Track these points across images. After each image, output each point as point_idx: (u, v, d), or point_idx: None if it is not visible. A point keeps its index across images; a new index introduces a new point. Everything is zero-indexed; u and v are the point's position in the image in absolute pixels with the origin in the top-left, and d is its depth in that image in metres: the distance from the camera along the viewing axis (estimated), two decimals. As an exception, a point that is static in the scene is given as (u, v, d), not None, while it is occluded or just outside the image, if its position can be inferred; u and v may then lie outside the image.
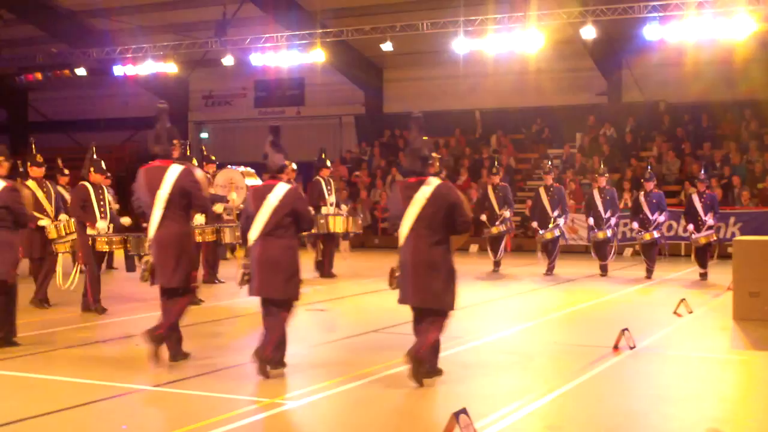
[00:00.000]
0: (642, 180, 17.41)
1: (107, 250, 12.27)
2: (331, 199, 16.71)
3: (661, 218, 16.41)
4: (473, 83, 28.75)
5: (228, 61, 26.55)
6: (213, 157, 16.64)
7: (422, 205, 7.75)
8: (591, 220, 17.12)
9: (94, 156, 12.51)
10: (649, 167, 17.80)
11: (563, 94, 27.84)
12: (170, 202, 8.48)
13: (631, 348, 9.36)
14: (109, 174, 15.11)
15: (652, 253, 16.52)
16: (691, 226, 16.20)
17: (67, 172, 16.14)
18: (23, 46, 30.89)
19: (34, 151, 13.38)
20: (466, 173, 26.20)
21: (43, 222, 12.60)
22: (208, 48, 27.36)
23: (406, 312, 11.83)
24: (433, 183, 7.84)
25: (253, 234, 8.18)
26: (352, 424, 6.86)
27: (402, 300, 7.99)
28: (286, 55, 26.01)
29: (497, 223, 17.65)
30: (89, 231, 12.02)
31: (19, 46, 30.85)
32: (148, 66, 27.56)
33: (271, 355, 8.14)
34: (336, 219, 16.25)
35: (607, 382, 8.17)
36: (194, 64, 31.84)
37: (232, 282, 15.62)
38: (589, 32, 22.25)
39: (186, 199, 8.57)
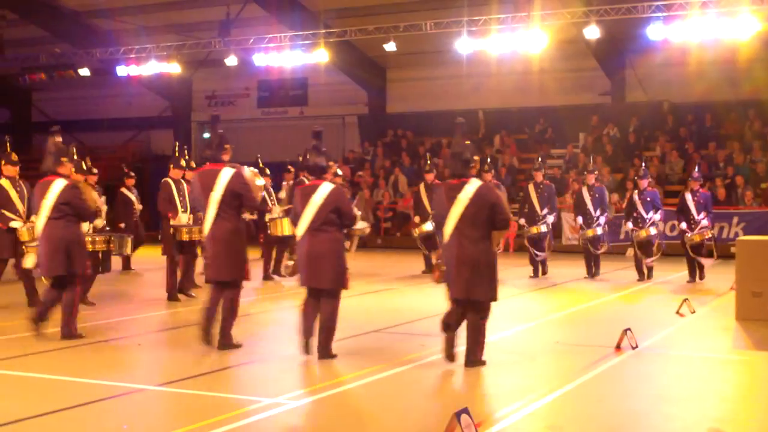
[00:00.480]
0: (635, 177, 16.88)
1: (90, 250, 11.90)
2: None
3: (656, 216, 15.93)
4: (476, 83, 28.73)
5: (231, 61, 26.55)
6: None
7: (465, 204, 8.32)
8: (580, 219, 16.73)
9: (75, 156, 12.55)
10: (643, 164, 17.27)
11: (566, 93, 27.80)
12: (223, 202, 9.20)
13: (634, 348, 9.34)
14: (96, 171, 15.22)
15: (648, 252, 16.04)
16: (683, 225, 15.76)
17: (95, 171, 16.15)
18: (27, 47, 30.92)
19: (8, 149, 13.14)
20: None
21: (15, 224, 12.30)
22: (211, 48, 27.38)
23: (408, 312, 11.86)
24: (474, 184, 8.42)
25: (300, 230, 8.92)
26: (353, 424, 6.85)
27: (453, 295, 8.55)
28: (290, 55, 26.00)
29: None
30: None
31: (23, 47, 30.88)
32: (151, 66, 27.56)
33: (325, 342, 8.89)
34: None
35: (609, 382, 8.16)
36: (197, 65, 31.86)
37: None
38: (592, 32, 22.22)
39: (237, 199, 9.27)
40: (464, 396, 7.43)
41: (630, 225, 16.16)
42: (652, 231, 15.87)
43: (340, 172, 17.65)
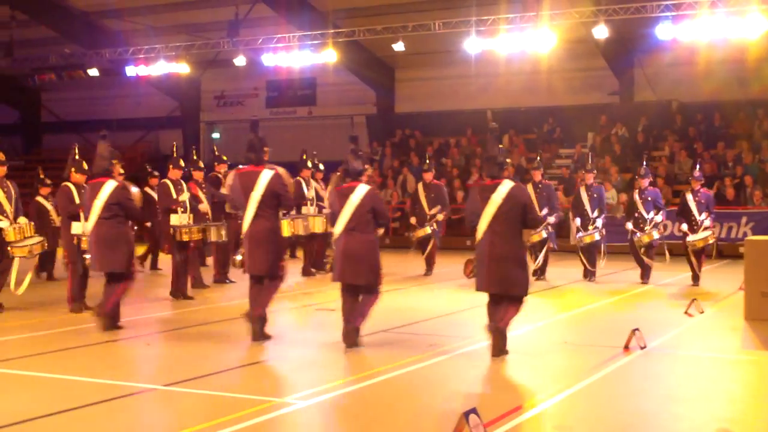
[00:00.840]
0: (636, 176, 16.25)
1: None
2: (311, 194, 17.05)
3: (658, 218, 15.40)
4: (485, 83, 28.72)
5: (240, 61, 26.58)
6: (224, 157, 16.69)
7: (498, 204, 8.87)
8: (578, 221, 16.11)
9: (77, 156, 12.69)
10: (644, 163, 16.49)
11: (575, 93, 27.78)
12: (262, 202, 9.77)
13: (642, 348, 9.34)
14: (48, 182, 15.32)
15: (650, 255, 15.57)
16: (684, 226, 15.16)
17: (48, 182, 16.10)
18: (36, 47, 31.00)
19: None
20: (477, 173, 26.16)
21: (2, 224, 12.17)
22: (220, 48, 27.41)
23: (415, 312, 11.88)
24: (507, 185, 8.96)
25: (338, 229, 9.52)
26: (361, 425, 6.86)
27: (479, 288, 9.12)
28: (298, 55, 26.02)
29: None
30: (73, 230, 12.19)
31: (33, 47, 30.95)
32: (160, 66, 27.61)
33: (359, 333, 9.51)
34: (315, 220, 16.40)
35: (618, 383, 8.16)
36: (206, 65, 31.91)
37: (242, 282, 15.71)
38: (601, 32, 22.19)
39: (276, 199, 9.88)
40: (473, 396, 7.44)
41: (630, 226, 15.57)
42: (655, 235, 15.37)
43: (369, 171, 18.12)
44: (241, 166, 10.31)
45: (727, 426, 6.67)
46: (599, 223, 15.87)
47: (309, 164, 17.39)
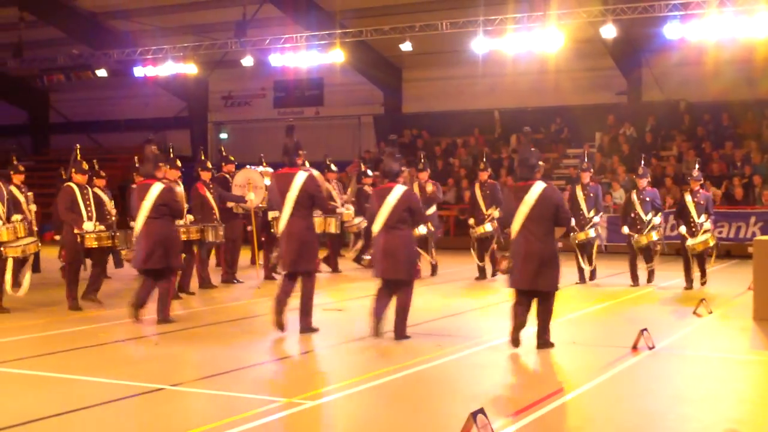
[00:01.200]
0: (634, 176, 15.75)
1: (96, 246, 12.50)
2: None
3: (656, 219, 14.99)
4: (492, 83, 28.70)
5: (247, 61, 26.62)
6: (232, 158, 16.71)
7: (531, 205, 9.27)
8: (572, 221, 14.98)
9: (78, 158, 12.84)
10: (642, 163, 16.05)
11: (583, 93, 27.73)
12: (297, 202, 10.22)
13: (650, 348, 9.32)
14: (103, 174, 15.47)
15: (649, 258, 15.23)
16: (683, 229, 14.70)
17: (103, 174, 16.25)
18: (45, 48, 31.08)
19: None
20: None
21: None
22: (227, 49, 27.45)
23: (424, 312, 11.87)
24: (540, 186, 9.36)
25: (376, 227, 10.06)
26: (369, 424, 6.87)
27: (513, 284, 9.50)
28: (306, 55, 26.04)
29: (486, 223, 16.30)
30: (77, 230, 12.37)
31: (41, 48, 31.04)
32: (168, 67, 27.66)
33: (403, 325, 10.08)
34: (330, 221, 16.60)
35: (626, 383, 8.15)
36: (214, 65, 31.95)
37: (250, 282, 15.74)
38: (609, 31, 22.16)
39: (310, 200, 10.32)
40: (480, 396, 7.43)
41: (626, 230, 15.15)
42: (654, 236, 14.98)
43: (370, 173, 18.27)
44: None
45: (736, 426, 6.66)
46: (596, 220, 15.56)
47: (307, 165, 17.43)
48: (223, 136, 34.82)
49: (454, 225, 25.43)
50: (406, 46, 24.71)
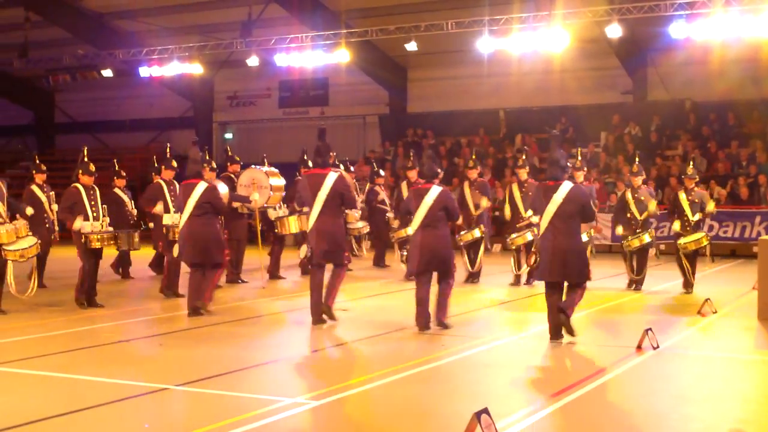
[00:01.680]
0: (629, 174, 15.28)
1: (99, 247, 12.57)
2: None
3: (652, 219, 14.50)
4: (497, 83, 28.70)
5: (253, 61, 26.63)
6: (237, 158, 16.72)
7: (559, 204, 9.82)
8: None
9: (85, 159, 12.97)
10: (637, 160, 15.45)
11: (588, 93, 27.71)
12: (328, 201, 10.97)
13: (655, 348, 9.32)
14: (124, 174, 15.58)
15: (642, 262, 14.61)
16: (677, 225, 14.19)
17: (124, 174, 16.30)
18: (50, 48, 31.13)
19: None
20: (490, 173, 26.16)
21: None
22: (233, 49, 27.47)
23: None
24: (567, 186, 9.92)
25: (414, 226, 10.75)
26: (374, 424, 6.87)
27: (541, 277, 10.09)
28: (311, 55, 26.04)
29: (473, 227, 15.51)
30: (83, 229, 12.47)
31: (47, 48, 31.09)
32: (173, 67, 27.70)
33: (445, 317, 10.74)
34: None
35: (630, 382, 8.15)
36: (219, 65, 31.98)
37: (255, 282, 15.75)
38: (614, 31, 22.14)
39: (340, 198, 11.05)
40: (484, 396, 7.43)
41: (620, 230, 14.60)
42: (647, 238, 14.41)
43: (382, 172, 18.30)
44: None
45: (740, 426, 6.65)
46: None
47: (310, 164, 17.50)
48: (228, 136, 34.85)
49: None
50: (412, 46, 24.72)
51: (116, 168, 16.82)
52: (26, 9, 28.80)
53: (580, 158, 16.14)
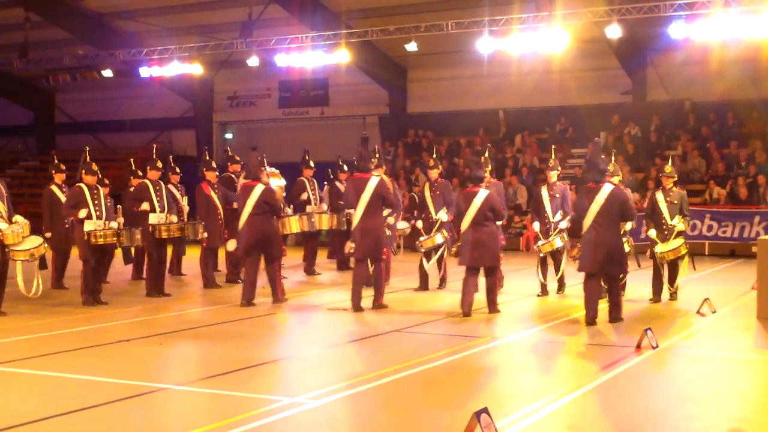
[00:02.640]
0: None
1: (102, 243, 12.76)
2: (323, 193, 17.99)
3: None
4: (497, 83, 28.70)
5: (253, 61, 26.62)
6: (237, 158, 16.74)
7: (601, 203, 10.98)
8: (536, 225, 14.04)
9: (88, 159, 13.28)
10: (613, 159, 14.40)
11: (587, 93, 27.70)
12: (370, 203, 12.18)
13: (654, 348, 9.33)
14: (178, 170, 16.22)
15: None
16: (653, 232, 13.06)
17: (178, 170, 16.30)
18: (50, 48, 31.13)
19: None
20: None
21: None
22: (233, 49, 27.44)
23: (427, 313, 11.90)
24: (608, 188, 11.12)
25: (465, 225, 11.85)
26: (373, 424, 6.89)
27: (583, 268, 11.19)
28: (311, 55, 26.02)
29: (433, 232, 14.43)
30: (85, 227, 12.62)
31: (47, 48, 31.08)
32: (173, 67, 27.67)
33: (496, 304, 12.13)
34: (322, 217, 16.66)
35: (630, 382, 8.16)
36: (219, 65, 31.97)
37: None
38: (614, 31, 22.13)
39: (381, 200, 12.28)
40: (484, 396, 7.45)
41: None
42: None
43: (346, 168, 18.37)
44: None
45: (740, 426, 6.67)
46: (563, 225, 13.82)
47: (311, 164, 17.58)
48: (228, 136, 34.85)
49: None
50: (412, 47, 24.71)
51: (171, 164, 16.63)
52: (26, 9, 28.80)
53: (554, 157, 14.98)
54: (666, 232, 12.88)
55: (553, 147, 15.52)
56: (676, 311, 12.43)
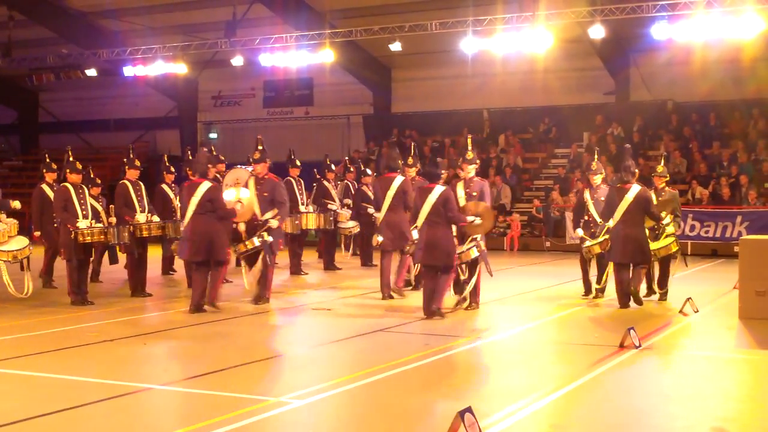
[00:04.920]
0: (586, 172, 14.37)
1: (90, 241, 12.67)
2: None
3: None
4: (481, 83, 28.78)
5: (237, 61, 26.61)
6: (222, 157, 16.73)
7: (630, 202, 12.36)
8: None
9: (71, 159, 13.10)
10: (596, 157, 14.66)
11: (571, 93, 27.84)
12: (394, 199, 13.44)
13: (637, 347, 9.38)
14: (172, 169, 16.14)
15: (604, 265, 13.33)
16: (579, 231, 13.45)
17: (173, 169, 16.28)
18: (34, 47, 30.99)
19: None
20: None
21: None
22: (217, 48, 27.41)
23: (411, 312, 11.92)
24: (636, 188, 12.46)
25: (419, 222, 11.73)
26: (358, 423, 6.91)
27: (613, 258, 12.64)
28: (295, 55, 26.04)
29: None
30: (71, 225, 12.57)
31: (30, 47, 30.94)
32: (157, 66, 27.64)
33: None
34: (308, 217, 16.95)
35: (613, 381, 8.21)
36: (204, 65, 31.93)
37: (239, 281, 15.73)
38: (597, 31, 22.24)
39: (403, 198, 13.44)
40: (468, 395, 7.48)
41: (580, 232, 13.53)
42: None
43: (369, 171, 18.55)
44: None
45: (722, 425, 6.71)
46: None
47: (297, 163, 17.61)
48: (213, 135, 34.80)
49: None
50: (396, 46, 24.76)
51: (166, 163, 16.69)
52: (9, 8, 28.65)
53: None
54: (657, 231, 13.09)
55: (596, 151, 15.64)
56: (659, 311, 12.50)
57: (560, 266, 17.76)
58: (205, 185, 12.17)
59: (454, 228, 11.77)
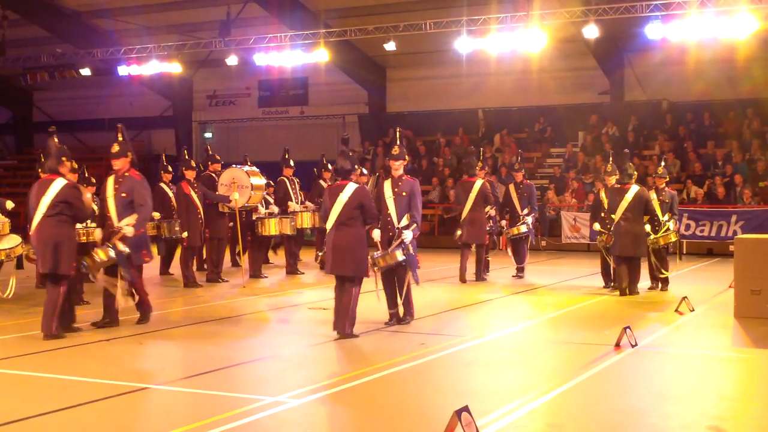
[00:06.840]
0: (602, 174, 14.98)
1: (85, 241, 12.18)
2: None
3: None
4: (476, 82, 28.81)
5: (232, 61, 26.59)
6: (218, 157, 16.73)
7: (629, 201, 13.58)
8: (597, 225, 14.72)
9: (42, 159, 12.98)
10: (610, 160, 14.89)
11: (566, 93, 27.87)
12: (476, 199, 15.26)
13: (633, 346, 9.39)
14: (170, 169, 16.15)
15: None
16: (647, 227, 14.04)
17: (170, 168, 16.29)
18: (28, 47, 30.96)
19: None
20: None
21: None
22: (212, 48, 27.41)
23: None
24: (635, 188, 13.66)
25: (329, 225, 10.14)
26: (354, 422, 6.91)
27: (614, 252, 13.73)
28: (290, 54, 26.04)
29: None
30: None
31: (25, 47, 30.91)
32: (152, 66, 27.62)
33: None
34: (303, 216, 16.94)
35: (609, 380, 8.22)
36: (198, 64, 31.91)
37: (235, 281, 15.75)
38: (591, 31, 22.27)
39: (483, 198, 15.36)
40: (464, 394, 7.49)
41: (597, 226, 14.57)
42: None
43: (365, 171, 18.57)
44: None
45: (718, 424, 6.72)
46: (529, 219, 16.36)
47: (291, 163, 17.62)
48: (208, 135, 34.78)
49: (438, 224, 25.58)
50: (390, 46, 24.76)
51: (164, 163, 16.70)
52: (3, 7, 28.61)
53: (519, 160, 17.20)
54: (658, 228, 14.17)
55: (611, 154, 15.73)
56: (655, 310, 12.52)
57: (556, 265, 17.77)
58: (59, 183, 10.22)
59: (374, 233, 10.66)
